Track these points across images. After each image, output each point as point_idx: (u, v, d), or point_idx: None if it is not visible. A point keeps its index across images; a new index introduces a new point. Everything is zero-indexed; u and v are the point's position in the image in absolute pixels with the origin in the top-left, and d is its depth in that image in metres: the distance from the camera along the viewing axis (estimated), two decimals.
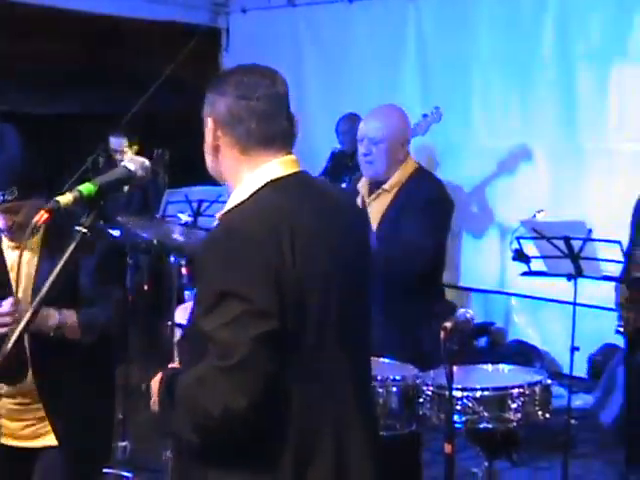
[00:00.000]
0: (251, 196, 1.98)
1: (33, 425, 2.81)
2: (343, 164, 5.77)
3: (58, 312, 2.63)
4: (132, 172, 2.12)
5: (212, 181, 2.18)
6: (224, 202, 2.07)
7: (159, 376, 2.05)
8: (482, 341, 6.05)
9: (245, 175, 2.02)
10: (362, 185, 3.86)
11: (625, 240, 4.13)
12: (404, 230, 3.64)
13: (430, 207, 3.70)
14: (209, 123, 2.04)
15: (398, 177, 3.76)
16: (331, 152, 6.20)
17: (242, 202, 1.98)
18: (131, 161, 2.14)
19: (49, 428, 2.79)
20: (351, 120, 5.75)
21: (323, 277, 1.96)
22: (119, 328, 2.84)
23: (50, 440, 2.81)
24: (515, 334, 6.01)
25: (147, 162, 2.16)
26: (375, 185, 3.80)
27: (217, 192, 4.81)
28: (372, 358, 2.24)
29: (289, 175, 2.03)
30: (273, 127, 2.03)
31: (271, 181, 2.00)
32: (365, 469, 2.02)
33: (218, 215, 2.02)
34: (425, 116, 5.21)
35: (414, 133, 4.92)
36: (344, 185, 4.74)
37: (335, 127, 6.20)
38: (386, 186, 3.76)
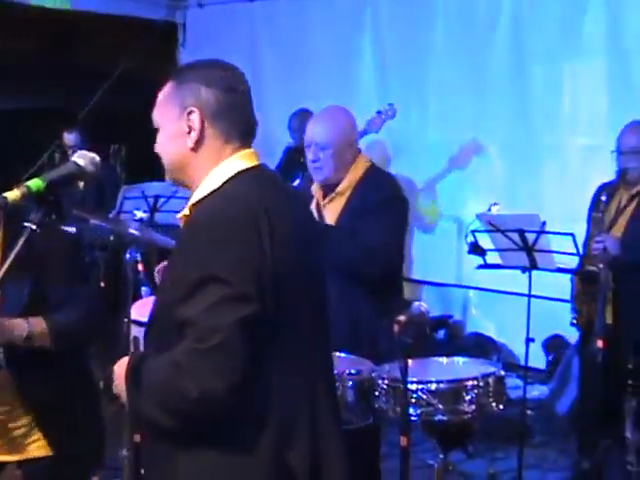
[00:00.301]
0: (222, 185, 1.99)
1: (19, 436, 2.65)
2: (296, 160, 5.72)
3: (26, 321, 2.55)
4: (82, 167, 2.09)
5: None
6: (181, 197, 2.06)
7: (125, 360, 2.02)
8: (440, 334, 6.08)
9: (216, 167, 2.03)
10: (315, 189, 3.84)
11: (580, 232, 4.19)
12: (363, 233, 3.63)
13: (386, 206, 3.68)
14: (194, 113, 2.01)
15: (350, 179, 3.71)
16: (285, 147, 6.17)
17: (214, 191, 1.99)
18: (81, 156, 2.12)
19: (35, 437, 2.66)
20: (302, 116, 5.69)
21: (295, 266, 1.98)
22: (94, 326, 2.74)
23: (33, 451, 2.66)
24: (473, 327, 6.05)
25: (97, 157, 2.14)
26: (328, 188, 3.78)
27: (174, 188, 4.79)
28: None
29: (253, 167, 2.06)
30: (250, 121, 2.08)
31: (238, 172, 2.02)
32: (335, 457, 2.04)
33: (189, 204, 2.02)
34: (379, 113, 5.08)
35: (368, 130, 4.91)
36: (297, 181, 4.70)
37: (287, 123, 6.18)
38: (339, 189, 3.72)
